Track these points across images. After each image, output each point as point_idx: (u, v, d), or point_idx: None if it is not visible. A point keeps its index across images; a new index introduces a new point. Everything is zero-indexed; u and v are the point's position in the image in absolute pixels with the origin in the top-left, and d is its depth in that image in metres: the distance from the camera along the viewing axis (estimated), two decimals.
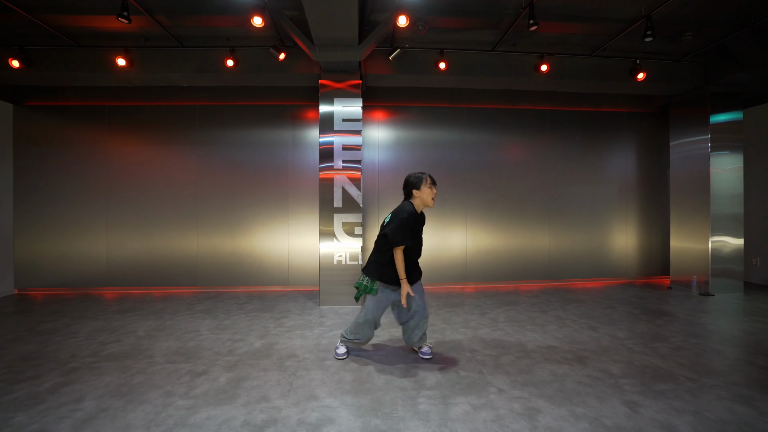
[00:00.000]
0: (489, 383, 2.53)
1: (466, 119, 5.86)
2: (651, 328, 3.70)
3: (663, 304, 4.62)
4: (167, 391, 2.47)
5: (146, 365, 2.89)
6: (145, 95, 5.54)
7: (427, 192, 2.80)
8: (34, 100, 5.52)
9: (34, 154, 5.53)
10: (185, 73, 4.89)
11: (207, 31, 4.52)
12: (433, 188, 2.80)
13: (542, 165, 6.02)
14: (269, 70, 4.87)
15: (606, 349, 3.13)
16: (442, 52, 4.82)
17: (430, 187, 2.80)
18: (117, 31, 4.46)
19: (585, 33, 4.57)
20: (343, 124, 4.67)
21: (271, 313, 4.36)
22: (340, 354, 3.01)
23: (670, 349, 3.10)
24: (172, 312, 4.45)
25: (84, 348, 3.28)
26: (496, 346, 3.24)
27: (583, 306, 4.58)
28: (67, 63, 4.82)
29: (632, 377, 2.59)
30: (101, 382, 2.61)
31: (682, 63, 5.16)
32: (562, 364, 2.85)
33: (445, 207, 5.82)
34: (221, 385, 2.54)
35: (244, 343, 3.38)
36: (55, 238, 5.56)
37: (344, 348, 3.05)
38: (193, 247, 5.64)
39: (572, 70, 5.14)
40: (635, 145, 6.22)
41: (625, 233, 6.18)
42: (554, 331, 3.63)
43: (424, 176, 2.82)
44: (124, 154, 5.62)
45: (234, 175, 5.66)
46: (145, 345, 3.35)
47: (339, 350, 3.03)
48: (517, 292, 5.45)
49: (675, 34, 4.46)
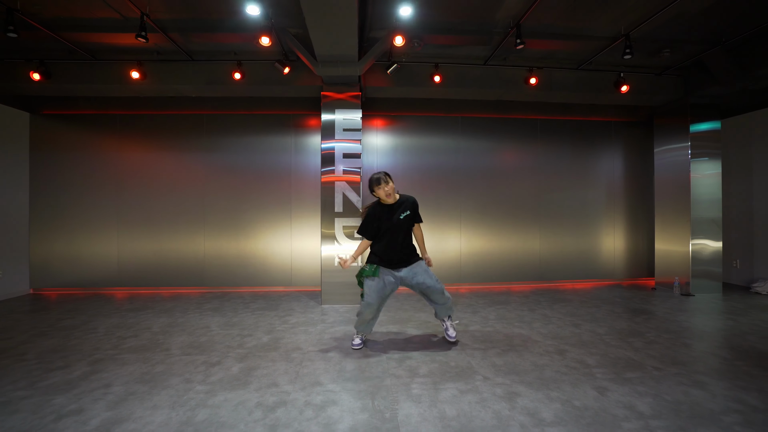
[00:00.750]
0: (476, 372, 2.82)
1: (461, 127, 6.17)
2: (630, 325, 3.99)
3: (645, 304, 4.91)
4: (186, 378, 2.74)
5: (164, 357, 3.17)
6: (155, 105, 5.83)
7: (379, 192, 3.19)
8: (50, 108, 5.81)
9: (49, 159, 5.81)
10: (195, 84, 5.19)
11: (216, 46, 4.82)
12: (385, 186, 3.14)
13: (533, 171, 6.32)
14: (274, 83, 5.17)
15: (585, 343, 3.41)
16: (437, 65, 5.13)
17: (381, 186, 3.16)
18: (131, 47, 4.75)
19: (571, 49, 4.88)
20: (344, 133, 4.96)
21: (276, 312, 4.64)
22: (356, 344, 3.35)
23: (644, 343, 3.39)
24: (182, 310, 4.72)
25: (105, 342, 3.55)
26: (485, 341, 3.52)
27: (569, 305, 4.87)
28: (83, 75, 5.11)
29: (605, 367, 2.88)
30: (125, 371, 2.88)
31: (664, 76, 5.48)
32: (543, 356, 3.13)
33: (441, 210, 6.11)
34: (234, 374, 2.81)
35: (252, 338, 3.66)
36: (69, 239, 5.84)
37: (359, 339, 3.39)
38: (200, 248, 5.92)
39: (560, 83, 5.45)
40: (622, 153, 6.52)
41: (612, 236, 6.48)
42: (540, 328, 3.91)
43: (375, 177, 3.18)
44: (135, 160, 5.90)
45: (239, 180, 5.95)
46: (161, 339, 3.62)
47: (354, 341, 3.38)
48: (509, 292, 5.73)
49: (654, 50, 4.78)
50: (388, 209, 3.23)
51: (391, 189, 3.17)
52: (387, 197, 3.18)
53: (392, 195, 3.18)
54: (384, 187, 3.14)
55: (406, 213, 3.23)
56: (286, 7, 3.97)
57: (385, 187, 3.14)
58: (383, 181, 3.14)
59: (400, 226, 3.22)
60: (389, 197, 3.18)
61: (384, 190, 3.14)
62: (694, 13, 3.93)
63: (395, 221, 3.20)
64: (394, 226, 3.20)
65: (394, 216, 3.21)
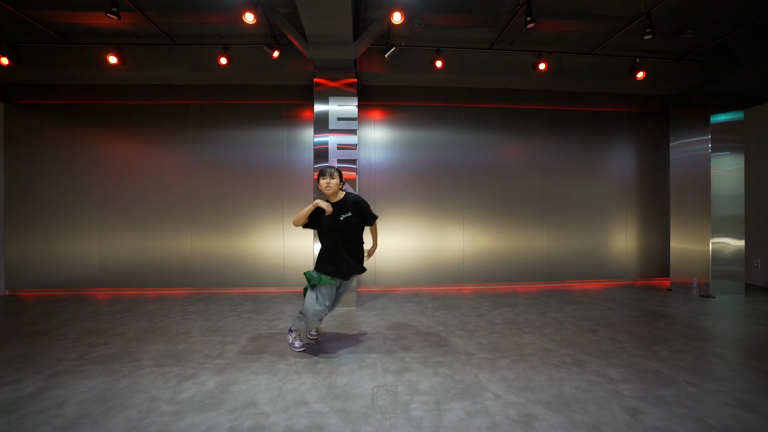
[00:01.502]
0: (484, 388, 2.46)
1: (464, 118, 5.80)
2: (651, 330, 3.62)
3: (663, 306, 4.55)
4: (152, 396, 2.39)
5: (133, 369, 2.81)
6: (139, 94, 5.46)
7: (321, 183, 3.00)
8: (26, 98, 5.44)
9: (26, 153, 5.45)
10: (178, 71, 4.83)
11: (200, 28, 4.45)
12: (323, 179, 2.97)
13: (540, 165, 5.95)
14: (263, 69, 4.81)
15: (605, 353, 3.05)
16: (439, 50, 4.76)
17: (322, 177, 2.99)
18: (108, 29, 4.39)
19: (584, 31, 4.51)
20: (339, 123, 4.60)
21: (265, 315, 4.28)
22: (297, 347, 3.17)
23: (671, 353, 3.03)
24: (164, 313, 4.37)
25: (71, 351, 3.20)
26: (492, 350, 3.16)
27: (581, 308, 4.51)
28: (58, 61, 4.75)
29: (632, 382, 2.52)
30: (85, 386, 2.53)
31: (682, 62, 5.10)
32: (559, 368, 2.77)
33: (443, 207, 5.75)
34: (209, 390, 2.46)
35: (236, 345, 3.31)
36: (47, 238, 5.48)
37: (299, 341, 3.20)
38: (186, 247, 5.56)
39: (571, 69, 5.08)
40: (634, 145, 6.15)
41: (624, 234, 6.12)
42: (552, 334, 3.56)
43: (322, 167, 3.07)
44: (117, 154, 5.54)
45: (228, 175, 5.59)
46: (134, 347, 3.27)
47: (295, 343, 3.19)
48: (515, 293, 5.37)
49: (675, 32, 4.40)
50: (336, 207, 3.03)
51: (334, 186, 2.98)
52: (326, 189, 2.97)
53: (332, 191, 2.98)
54: (323, 179, 2.97)
55: (346, 215, 2.98)
56: None
57: (324, 179, 2.96)
58: (325, 174, 2.97)
59: (339, 228, 2.98)
60: (328, 189, 2.97)
61: (322, 181, 2.97)
62: None
63: (332, 221, 2.98)
64: (332, 226, 2.98)
65: (333, 215, 2.99)
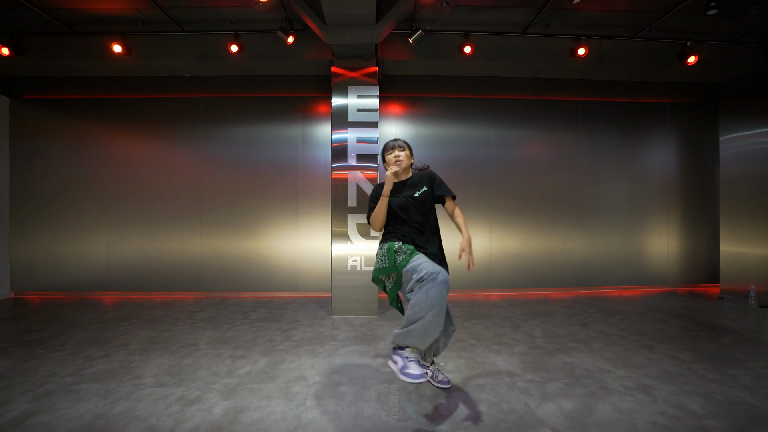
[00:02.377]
0: (540, 422, 2.05)
1: (491, 111, 5.37)
2: (718, 348, 3.17)
3: (721, 318, 4.07)
4: (151, 425, 2.05)
5: (132, 389, 2.48)
6: (146, 87, 5.18)
7: (388, 159, 2.47)
8: (31, 93, 5.21)
9: (32, 149, 5.23)
10: (186, 60, 4.52)
11: (209, 13, 4.14)
12: (390, 154, 2.45)
13: (574, 162, 5.49)
14: (277, 57, 4.47)
15: (673, 377, 2.61)
16: (467, 35, 4.35)
17: (390, 152, 2.46)
18: (112, 15, 4.11)
19: (630, 10, 4.05)
20: (358, 115, 4.22)
21: (279, 324, 3.94)
22: (415, 375, 1.90)
23: (753, 378, 2.58)
24: (171, 321, 4.07)
25: (67, 364, 2.90)
26: (538, 369, 2.75)
27: (627, 319, 4.06)
28: (61, 51, 4.49)
29: (720, 419, 2.08)
30: (76, 411, 2.20)
31: (740, 44, 4.59)
32: (624, 395, 2.35)
33: (468, 207, 5.33)
34: (215, 419, 2.11)
35: (247, 360, 2.96)
36: (53, 238, 5.25)
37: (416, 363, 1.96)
38: (196, 249, 5.26)
39: (612, 55, 4.62)
40: (677, 140, 5.64)
41: (666, 236, 5.61)
42: (602, 350, 3.13)
43: (388, 142, 2.51)
44: (125, 150, 5.27)
45: (240, 173, 5.27)
46: (135, 361, 2.95)
47: (409, 369, 1.93)
48: (547, 300, 4.94)
49: (738, 8, 3.91)
50: (398, 187, 2.39)
51: (406, 159, 2.40)
52: (397, 164, 2.36)
53: (405, 165, 2.39)
54: (390, 153, 2.43)
55: (422, 190, 2.33)
56: None
57: (392, 153, 2.42)
58: (394, 147, 2.44)
59: (417, 206, 2.29)
60: (399, 163, 2.36)
61: (390, 156, 2.43)
62: None
63: (406, 199, 2.31)
64: (405, 205, 2.30)
65: (406, 195, 2.34)
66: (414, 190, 2.35)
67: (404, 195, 2.34)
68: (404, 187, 2.40)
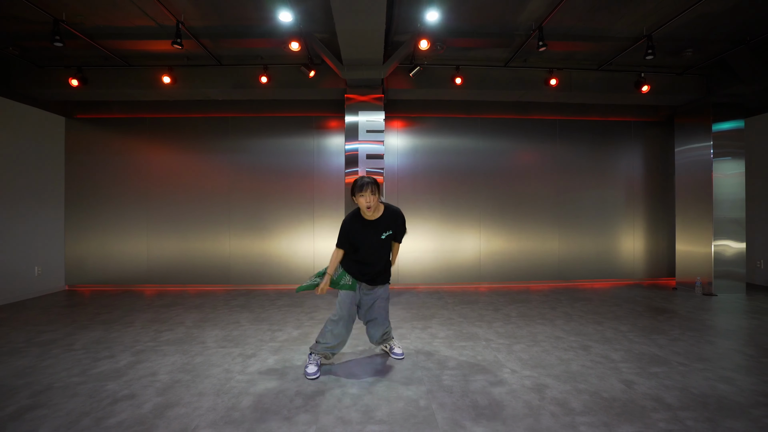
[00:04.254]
0: (503, 365, 2.90)
1: (480, 128, 6.25)
2: (652, 323, 4.02)
3: (667, 303, 4.92)
4: (226, 368, 2.89)
5: (202, 349, 3.32)
6: (183, 108, 6.04)
7: (359, 201, 2.62)
8: (83, 113, 6.07)
9: (83, 161, 6.07)
10: (222, 88, 5.38)
11: (244, 51, 4.99)
12: (361, 197, 2.59)
13: (552, 171, 6.36)
14: (299, 86, 5.33)
15: (608, 340, 3.46)
16: (458, 68, 5.22)
17: (361, 195, 2.59)
18: (163, 52, 4.96)
19: (591, 50, 4.93)
20: (367, 134, 5.09)
21: (302, 308, 4.78)
22: (311, 373, 2.73)
23: (668, 340, 3.43)
24: (211, 306, 4.90)
25: (143, 335, 3.73)
26: (509, 337, 3.60)
27: (590, 304, 4.91)
28: (117, 80, 5.34)
29: (630, 362, 2.94)
30: (167, 361, 3.04)
31: (685, 76, 5.48)
32: (567, 351, 3.20)
33: (460, 211, 6.19)
34: (271, 366, 2.95)
35: (283, 332, 3.80)
36: (102, 238, 6.08)
37: (314, 364, 2.80)
38: (225, 247, 6.11)
39: (580, 84, 5.49)
40: (641, 153, 6.52)
41: (632, 236, 6.48)
42: (562, 325, 3.97)
43: (357, 183, 2.62)
44: (163, 162, 6.12)
45: (263, 180, 6.13)
46: (195, 333, 3.78)
47: (308, 368, 2.77)
48: (528, 291, 5.78)
49: (676, 50, 4.79)
50: (368, 225, 2.70)
51: (374, 202, 2.59)
52: (367, 210, 2.62)
53: (373, 208, 2.62)
54: (365, 195, 2.57)
55: (387, 233, 2.73)
56: (313, 14, 4.11)
57: (367, 197, 2.57)
58: (366, 189, 2.57)
59: (380, 244, 2.75)
60: (369, 210, 2.62)
61: (364, 199, 2.58)
62: (719, 12, 3.95)
63: (374, 241, 2.72)
64: (372, 245, 2.72)
65: (373, 234, 2.71)
66: (381, 232, 2.72)
67: (372, 238, 2.71)
68: (373, 226, 2.71)
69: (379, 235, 2.72)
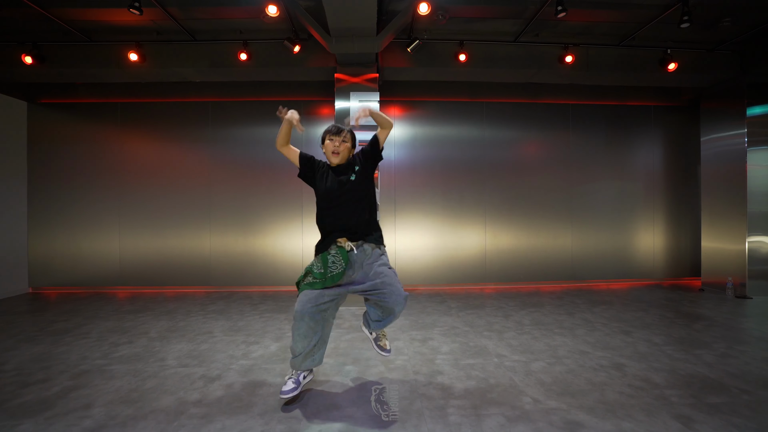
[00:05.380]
0: (522, 392, 2.35)
1: (486, 114, 5.66)
2: (690, 333, 3.46)
3: (698, 307, 4.36)
4: (179, 397, 2.33)
5: (158, 369, 2.77)
6: (157, 92, 5.46)
7: (327, 145, 2.32)
8: (48, 97, 5.49)
9: (48, 151, 5.50)
10: (198, 67, 4.79)
11: (220, 24, 4.41)
12: (330, 140, 2.29)
13: (564, 162, 5.78)
14: (283, 64, 4.74)
15: (644, 356, 2.91)
16: (462, 43, 4.64)
17: (329, 139, 2.30)
18: (129, 26, 4.38)
19: (614, 21, 4.34)
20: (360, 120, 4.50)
21: (286, 314, 4.22)
22: (285, 391, 2.20)
23: (716, 357, 2.88)
24: (185, 312, 4.35)
25: (95, 349, 3.18)
26: (524, 351, 3.05)
27: (611, 308, 4.35)
28: (79, 59, 4.75)
29: (679, 389, 2.38)
30: (111, 386, 2.49)
31: (717, 52, 4.89)
32: (598, 371, 2.64)
33: (464, 205, 5.63)
34: (236, 392, 2.40)
35: (259, 345, 3.25)
36: (69, 236, 5.52)
37: (292, 381, 2.25)
38: (205, 246, 5.54)
39: (598, 61, 4.90)
40: (662, 141, 5.94)
41: (651, 232, 5.91)
42: (584, 336, 3.42)
43: (330, 127, 2.35)
44: (137, 152, 5.55)
45: (247, 173, 5.55)
46: (157, 347, 3.23)
47: (285, 386, 2.23)
48: (539, 293, 5.23)
49: (711, 20, 4.21)
50: (333, 171, 2.33)
51: (345, 151, 2.29)
52: (333, 156, 2.30)
53: (342, 158, 2.30)
54: (330, 140, 2.29)
55: (355, 170, 2.30)
56: None
57: (332, 141, 2.28)
58: (334, 133, 2.29)
59: (351, 192, 2.27)
60: (335, 156, 2.29)
61: (333, 143, 2.28)
62: None
63: (338, 183, 2.28)
64: (337, 190, 2.27)
65: (340, 179, 2.29)
66: (350, 173, 2.31)
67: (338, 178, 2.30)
68: (337, 171, 2.34)
69: (348, 176, 2.29)
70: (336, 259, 2.24)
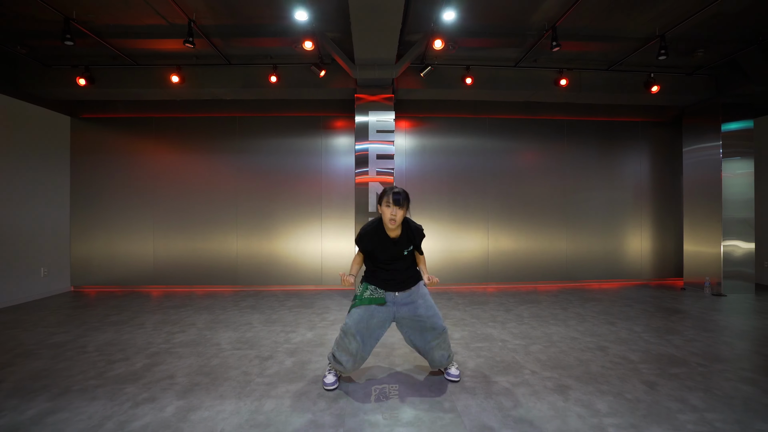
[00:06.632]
0: (522, 366, 2.89)
1: (488, 129, 6.23)
2: (666, 323, 4.01)
3: (677, 303, 4.92)
4: (244, 371, 2.86)
5: (217, 351, 3.30)
6: (189, 107, 6.01)
7: (384, 210, 2.42)
8: (89, 112, 6.02)
9: (89, 161, 6.03)
10: (231, 87, 5.34)
11: (254, 50, 4.96)
12: (388, 208, 2.39)
13: (560, 172, 6.35)
14: (308, 85, 5.30)
15: (624, 341, 3.46)
16: (468, 68, 5.20)
17: (387, 205, 2.40)
18: (172, 51, 4.92)
19: (602, 50, 4.92)
20: (377, 134, 5.07)
21: (312, 309, 4.75)
22: (328, 383, 2.55)
23: (684, 341, 3.43)
24: (221, 308, 4.86)
25: (155, 336, 3.70)
26: (524, 337, 3.59)
27: (600, 304, 4.90)
28: (124, 80, 5.30)
29: (649, 363, 2.93)
30: (184, 363, 3.01)
31: (695, 76, 5.47)
32: (585, 352, 3.19)
33: (468, 211, 6.18)
34: (289, 367, 2.93)
35: (296, 334, 3.78)
36: (107, 238, 6.04)
37: (333, 374, 2.61)
38: (232, 248, 6.07)
39: (590, 84, 5.48)
40: (649, 153, 6.52)
41: (639, 237, 6.48)
42: (576, 326, 3.96)
43: (387, 190, 2.44)
44: (170, 162, 6.08)
45: (270, 181, 6.09)
46: (208, 335, 3.75)
47: (327, 377, 2.59)
48: (536, 292, 5.78)
49: (688, 50, 4.79)
50: (389, 240, 2.52)
51: (400, 216, 2.41)
52: (389, 222, 2.41)
53: (397, 222, 2.42)
54: (388, 208, 2.39)
55: (409, 249, 2.58)
56: (327, 13, 4.08)
57: (389, 208, 2.39)
58: (391, 202, 2.39)
59: (403, 261, 2.59)
60: (392, 224, 2.40)
61: (390, 210, 2.39)
62: (733, 12, 3.94)
63: (394, 252, 2.54)
64: (392, 256, 2.54)
65: (394, 250, 2.54)
66: (403, 249, 2.55)
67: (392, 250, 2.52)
68: (393, 242, 2.52)
69: (402, 251, 2.56)
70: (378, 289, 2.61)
